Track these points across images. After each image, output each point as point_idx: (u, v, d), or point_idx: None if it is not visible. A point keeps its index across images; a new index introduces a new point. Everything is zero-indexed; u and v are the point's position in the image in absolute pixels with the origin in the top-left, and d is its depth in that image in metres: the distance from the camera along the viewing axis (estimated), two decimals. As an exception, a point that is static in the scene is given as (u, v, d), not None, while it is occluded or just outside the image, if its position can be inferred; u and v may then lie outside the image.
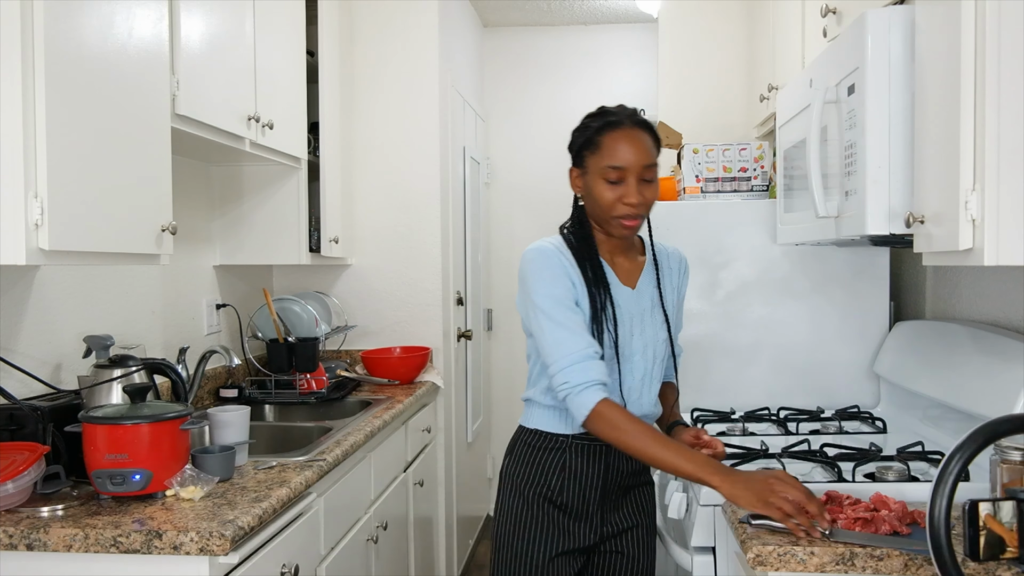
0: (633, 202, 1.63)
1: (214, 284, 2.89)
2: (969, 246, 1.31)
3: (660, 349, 1.74)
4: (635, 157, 1.63)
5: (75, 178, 1.56)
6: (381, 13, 3.44)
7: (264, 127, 2.42)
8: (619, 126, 1.65)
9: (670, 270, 1.82)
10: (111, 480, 1.60)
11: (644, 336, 1.72)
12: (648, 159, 1.64)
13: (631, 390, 1.71)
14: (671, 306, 1.79)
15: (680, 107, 3.59)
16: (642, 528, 1.81)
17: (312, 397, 2.83)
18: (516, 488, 1.75)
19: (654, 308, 1.75)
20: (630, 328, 1.71)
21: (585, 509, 1.73)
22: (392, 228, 3.45)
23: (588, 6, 4.40)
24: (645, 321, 1.73)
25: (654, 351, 1.74)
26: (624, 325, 1.70)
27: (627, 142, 1.63)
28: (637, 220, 1.66)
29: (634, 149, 1.63)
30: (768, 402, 2.46)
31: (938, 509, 1.09)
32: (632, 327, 1.71)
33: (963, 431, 1.15)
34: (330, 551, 2.07)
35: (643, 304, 1.74)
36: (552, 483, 1.72)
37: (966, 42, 1.30)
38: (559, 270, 1.66)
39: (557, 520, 1.72)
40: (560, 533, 1.72)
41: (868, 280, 2.46)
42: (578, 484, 1.71)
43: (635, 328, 1.72)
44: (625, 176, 1.63)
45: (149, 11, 1.80)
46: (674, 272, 1.83)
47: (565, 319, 1.62)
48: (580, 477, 1.71)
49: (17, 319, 1.92)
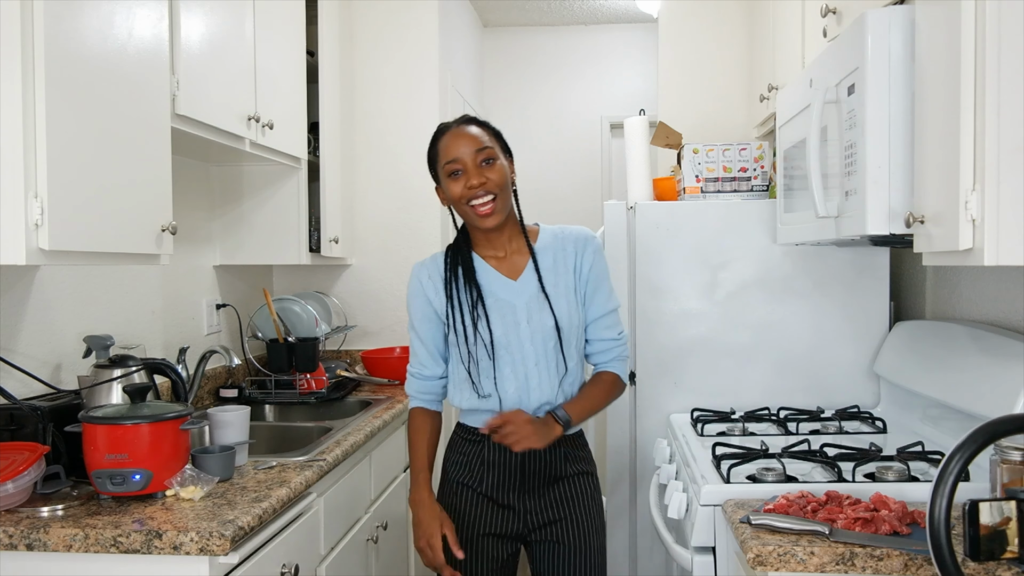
0: (474, 183, 1.72)
1: (214, 284, 2.89)
2: (969, 246, 1.30)
3: (549, 336, 1.77)
4: (464, 146, 1.74)
5: (75, 178, 1.56)
6: (381, 13, 3.44)
7: (264, 127, 2.42)
8: (446, 130, 1.78)
9: (563, 252, 1.82)
10: (111, 480, 1.60)
11: (532, 324, 1.77)
12: (477, 144, 1.74)
13: (522, 377, 1.77)
14: (559, 290, 1.79)
15: (680, 107, 3.59)
16: (578, 519, 1.80)
17: (312, 397, 2.83)
18: (446, 476, 1.86)
19: (539, 295, 1.79)
20: (515, 318, 1.77)
21: (506, 497, 1.80)
22: (392, 228, 3.45)
23: (588, 6, 4.40)
24: (532, 309, 1.78)
25: (543, 337, 1.77)
26: (508, 315, 1.77)
27: (454, 138, 1.75)
28: (489, 203, 1.73)
29: (462, 141, 1.74)
30: (768, 402, 2.46)
31: (938, 509, 1.09)
32: (518, 317, 1.77)
33: (963, 431, 1.15)
34: (330, 551, 2.07)
35: (529, 293, 1.79)
36: (475, 472, 1.81)
37: (966, 42, 1.30)
38: (414, 290, 1.84)
39: (482, 505, 1.80)
40: (485, 516, 1.80)
41: (868, 280, 2.46)
42: (496, 474, 1.79)
43: (522, 317, 1.77)
44: (462, 166, 1.74)
45: (149, 11, 1.80)
46: (568, 254, 1.82)
47: (416, 335, 1.86)
48: (497, 468, 1.79)
49: (17, 319, 1.92)
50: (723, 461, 1.83)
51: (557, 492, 1.81)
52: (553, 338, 1.77)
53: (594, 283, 1.83)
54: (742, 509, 1.55)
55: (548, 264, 1.81)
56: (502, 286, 1.79)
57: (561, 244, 1.83)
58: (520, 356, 1.77)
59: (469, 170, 1.73)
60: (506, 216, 1.78)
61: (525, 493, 1.80)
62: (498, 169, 1.74)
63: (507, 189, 1.76)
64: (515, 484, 1.79)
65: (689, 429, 2.27)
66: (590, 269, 1.82)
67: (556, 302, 1.78)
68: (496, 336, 1.76)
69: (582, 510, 1.81)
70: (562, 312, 1.78)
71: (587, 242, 1.84)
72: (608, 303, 1.85)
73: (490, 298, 1.78)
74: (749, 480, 1.75)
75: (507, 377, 1.78)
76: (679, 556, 1.83)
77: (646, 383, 2.55)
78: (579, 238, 1.84)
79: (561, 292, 1.79)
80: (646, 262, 2.53)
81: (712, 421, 2.30)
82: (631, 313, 2.59)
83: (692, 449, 2.03)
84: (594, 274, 1.83)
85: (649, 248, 2.53)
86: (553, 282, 1.80)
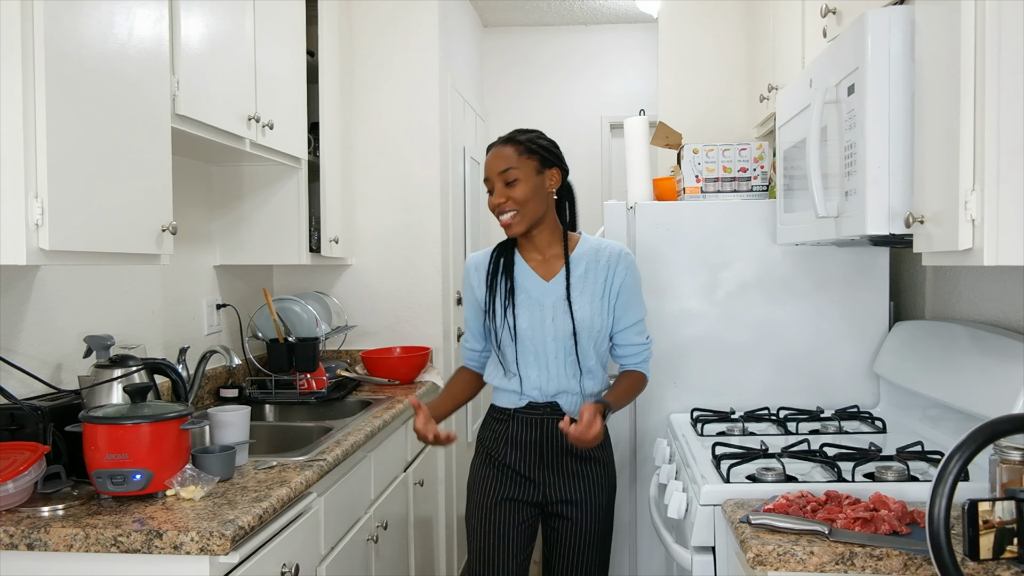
0: (493, 203, 1.98)
1: (214, 284, 2.89)
2: (969, 246, 1.31)
3: (568, 337, 1.98)
4: (492, 166, 1.98)
5: (75, 178, 1.56)
6: (381, 13, 3.44)
7: (264, 127, 2.42)
8: (489, 150, 2.02)
9: (596, 264, 2.01)
10: (111, 480, 1.60)
11: (556, 323, 1.98)
12: (501, 165, 1.96)
13: (543, 366, 1.99)
14: (585, 298, 1.99)
15: (680, 107, 3.59)
16: (592, 505, 2.02)
17: (312, 397, 2.83)
18: (479, 450, 2.11)
19: (565, 299, 1.99)
20: (542, 315, 1.99)
21: (528, 471, 2.02)
22: (392, 228, 3.45)
23: (588, 6, 4.40)
24: (558, 310, 1.99)
25: (564, 336, 1.98)
26: (535, 311, 1.99)
27: (490, 158, 2.00)
28: (511, 217, 1.96)
29: (492, 161, 1.99)
30: (768, 402, 2.46)
31: (938, 509, 1.09)
32: (544, 314, 1.99)
33: (963, 431, 1.15)
34: (330, 551, 2.07)
35: (556, 295, 1.99)
36: (500, 448, 2.05)
37: (966, 42, 1.30)
38: (465, 278, 2.12)
39: (506, 475, 2.04)
40: (508, 484, 2.03)
41: (868, 280, 2.46)
42: (520, 450, 2.02)
43: (548, 315, 1.99)
44: (491, 184, 1.99)
45: (149, 11, 1.80)
46: (601, 268, 2.01)
47: (466, 315, 2.14)
48: (521, 444, 2.02)
49: (17, 319, 1.92)
50: (723, 461, 1.84)
51: (579, 475, 2.01)
52: (571, 340, 1.97)
53: (625, 296, 2.02)
54: (742, 509, 1.55)
55: (580, 272, 2.01)
56: (535, 284, 2.01)
57: (595, 256, 2.02)
58: (543, 348, 1.98)
59: (496, 189, 1.97)
60: (533, 224, 1.99)
61: (544, 467, 2.01)
62: (519, 188, 1.95)
63: (532, 203, 1.96)
64: (535, 458, 2.01)
65: (689, 429, 2.27)
66: (621, 283, 2.01)
67: (579, 309, 1.97)
68: (521, 326, 1.99)
69: (592, 494, 2.02)
70: (582, 318, 1.97)
71: (620, 258, 2.02)
72: (638, 313, 2.05)
73: (521, 293, 2.01)
74: (749, 480, 1.75)
75: (530, 364, 2.00)
76: (679, 556, 1.83)
77: (646, 383, 2.55)
78: (613, 254, 2.02)
79: (586, 300, 1.98)
80: (646, 262, 2.53)
81: (712, 421, 2.30)
82: (631, 313, 2.59)
83: (692, 449, 2.03)
84: (625, 288, 2.01)
85: (649, 248, 2.53)
86: (580, 289, 1.99)
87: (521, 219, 1.96)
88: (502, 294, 2.01)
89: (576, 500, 2.01)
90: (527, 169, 1.96)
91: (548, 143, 2.02)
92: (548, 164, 1.99)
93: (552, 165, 2.00)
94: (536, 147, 1.98)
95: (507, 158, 1.96)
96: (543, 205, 1.98)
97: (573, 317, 1.96)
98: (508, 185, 1.95)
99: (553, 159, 2.00)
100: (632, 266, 2.03)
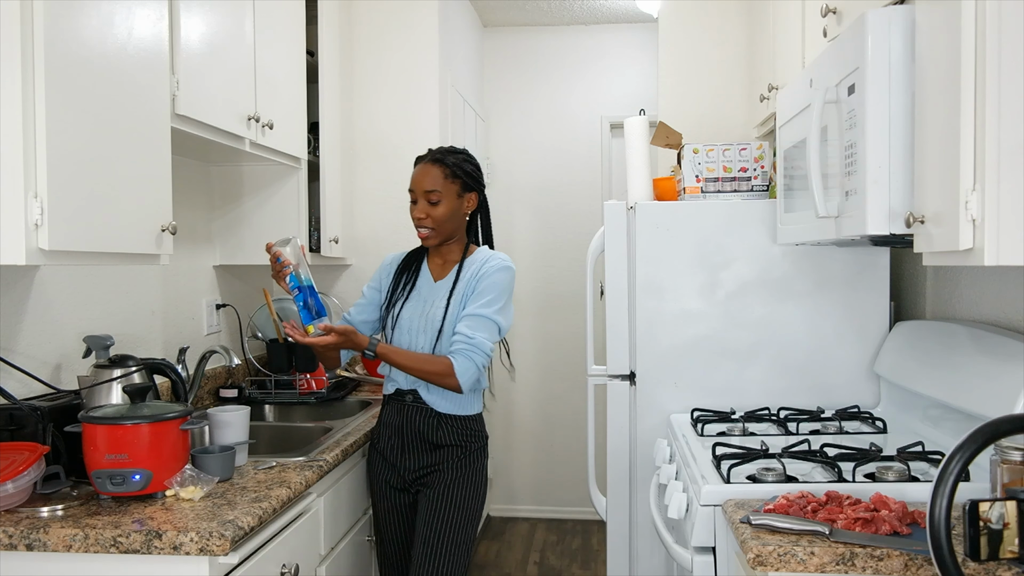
0: (415, 215, 2.18)
1: (214, 284, 2.89)
2: (969, 246, 1.30)
3: (435, 326, 2.15)
4: (419, 182, 2.17)
5: (75, 178, 1.56)
6: (381, 13, 3.44)
7: (264, 127, 2.42)
8: (419, 162, 2.21)
9: (477, 270, 2.19)
10: (111, 480, 1.60)
11: (429, 316, 2.17)
12: (428, 185, 2.15)
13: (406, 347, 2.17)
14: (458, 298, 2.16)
15: (680, 107, 3.59)
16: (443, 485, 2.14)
17: (312, 397, 2.83)
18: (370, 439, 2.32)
19: (445, 297, 2.18)
20: (422, 308, 2.19)
21: (392, 454, 2.19)
22: (392, 228, 3.45)
23: (588, 6, 4.40)
24: (436, 305, 2.18)
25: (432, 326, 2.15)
26: (418, 304, 2.20)
27: (418, 171, 2.19)
28: (428, 232, 2.17)
29: (420, 177, 2.18)
30: (768, 402, 2.46)
31: (938, 509, 1.09)
32: (424, 307, 2.19)
33: (963, 431, 1.15)
34: (330, 551, 2.07)
35: (440, 293, 2.20)
36: (379, 433, 2.25)
37: (966, 42, 1.30)
38: (380, 268, 2.33)
39: (378, 461, 2.24)
40: (382, 470, 2.22)
41: (868, 280, 2.46)
42: (387, 433, 2.21)
43: (426, 308, 2.19)
44: (415, 196, 2.18)
45: (149, 11, 1.80)
46: (475, 272, 2.19)
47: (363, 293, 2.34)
48: (389, 428, 2.21)
49: (17, 319, 1.92)
50: (723, 461, 1.83)
51: (429, 455, 2.16)
52: (436, 329, 2.15)
53: (478, 291, 2.16)
54: (742, 509, 1.55)
55: (466, 277, 2.19)
56: (426, 282, 2.25)
57: (479, 264, 2.20)
58: (415, 338, 2.18)
59: (419, 203, 2.17)
60: (445, 239, 2.20)
61: (404, 453, 2.18)
62: (440, 209, 2.16)
63: (449, 222, 2.17)
64: (398, 442, 2.19)
65: (689, 429, 2.27)
66: (478, 281, 2.17)
67: (452, 305, 2.15)
68: (403, 316, 2.20)
69: (448, 472, 2.15)
70: (452, 315, 2.14)
71: (487, 262, 2.20)
72: (480, 308, 2.14)
73: (415, 291, 2.24)
74: (749, 480, 1.75)
75: (401, 344, 2.18)
76: (679, 556, 1.83)
77: (646, 383, 2.55)
78: (488, 260, 2.20)
79: (457, 300, 2.16)
80: (646, 262, 2.53)
81: (712, 421, 2.30)
82: (631, 313, 2.59)
83: (692, 449, 2.03)
84: (480, 284, 2.16)
85: (649, 248, 2.53)
86: (460, 291, 2.17)
87: (436, 235, 2.18)
88: (401, 289, 2.24)
89: (430, 483, 2.15)
90: (450, 193, 2.16)
91: (472, 168, 2.21)
92: (468, 189, 2.20)
93: (472, 190, 2.21)
94: (461, 172, 2.18)
95: (433, 179, 2.15)
96: (457, 225, 2.21)
97: (446, 312, 2.14)
98: (431, 204, 2.15)
99: (474, 184, 2.21)
100: (494, 271, 2.16)
